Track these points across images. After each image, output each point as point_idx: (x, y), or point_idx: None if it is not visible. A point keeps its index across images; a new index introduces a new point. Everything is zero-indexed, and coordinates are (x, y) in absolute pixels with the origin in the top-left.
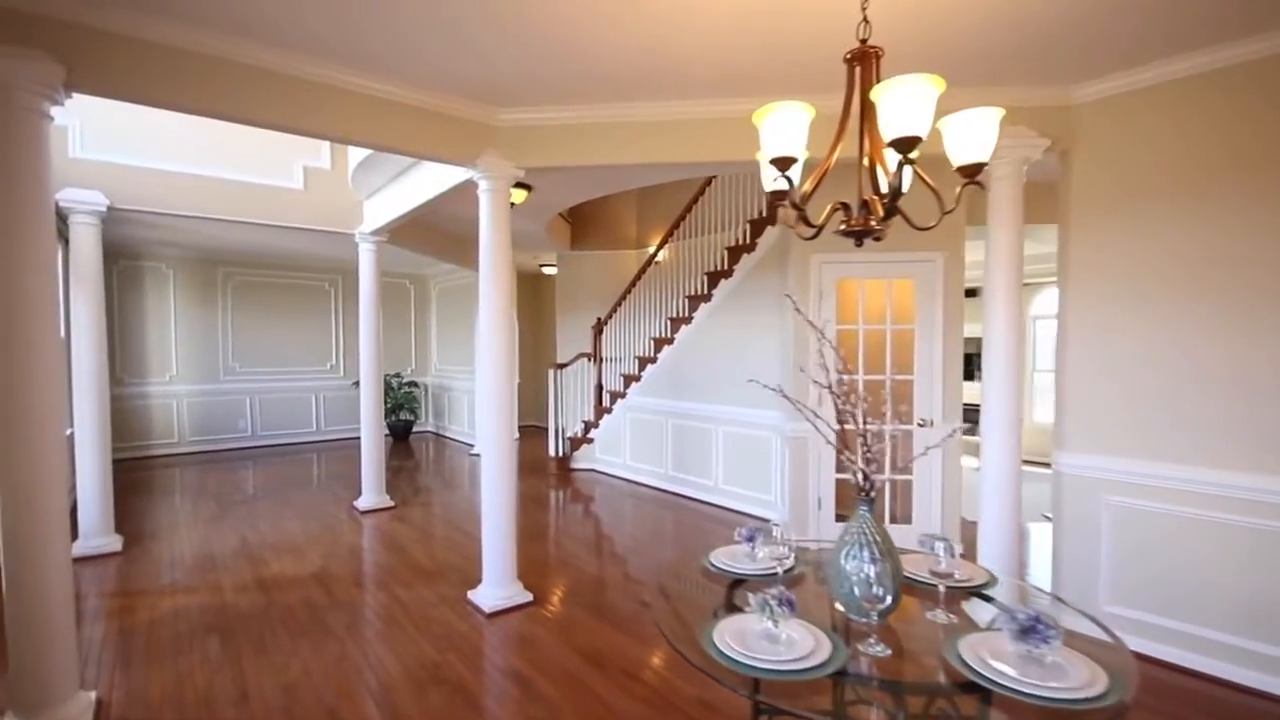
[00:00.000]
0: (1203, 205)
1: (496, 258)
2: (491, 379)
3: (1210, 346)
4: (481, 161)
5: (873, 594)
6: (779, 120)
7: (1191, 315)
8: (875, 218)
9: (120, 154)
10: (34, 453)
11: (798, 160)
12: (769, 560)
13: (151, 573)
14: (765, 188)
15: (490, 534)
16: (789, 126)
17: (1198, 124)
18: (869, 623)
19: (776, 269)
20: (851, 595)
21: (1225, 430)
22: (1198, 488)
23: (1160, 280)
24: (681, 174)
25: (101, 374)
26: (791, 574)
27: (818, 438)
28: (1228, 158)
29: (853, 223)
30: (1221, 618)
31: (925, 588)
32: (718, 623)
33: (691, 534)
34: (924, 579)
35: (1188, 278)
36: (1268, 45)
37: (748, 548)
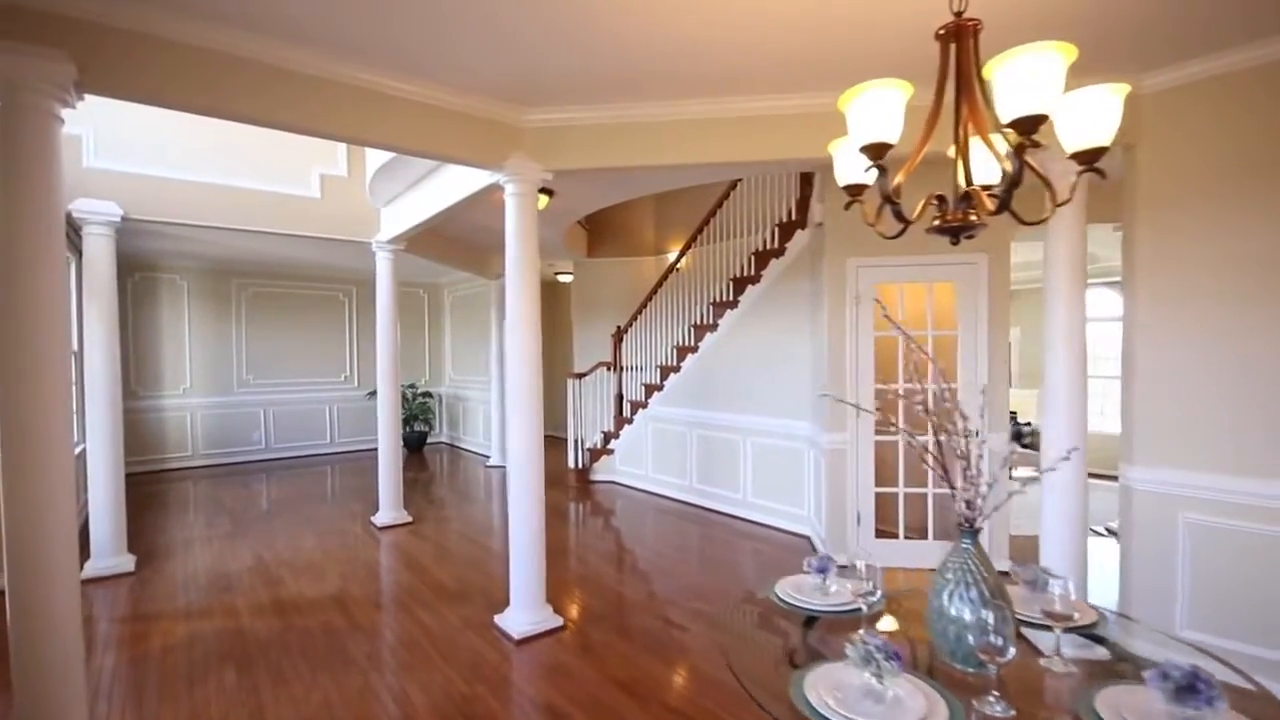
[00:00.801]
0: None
1: (524, 264)
2: (519, 391)
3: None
4: (509, 164)
5: (991, 644)
6: (871, 102)
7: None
8: (980, 211)
9: (134, 163)
10: (42, 472)
11: (893, 146)
12: (846, 595)
13: (165, 595)
14: (841, 181)
15: (519, 555)
16: (883, 108)
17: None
18: (975, 673)
19: (807, 274)
20: (958, 642)
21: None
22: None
23: (1247, 281)
24: (716, 176)
25: (114, 388)
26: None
27: (857, 449)
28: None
29: (950, 218)
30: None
31: (1029, 629)
32: (805, 673)
33: (722, 550)
34: (1029, 618)
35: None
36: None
37: (817, 579)
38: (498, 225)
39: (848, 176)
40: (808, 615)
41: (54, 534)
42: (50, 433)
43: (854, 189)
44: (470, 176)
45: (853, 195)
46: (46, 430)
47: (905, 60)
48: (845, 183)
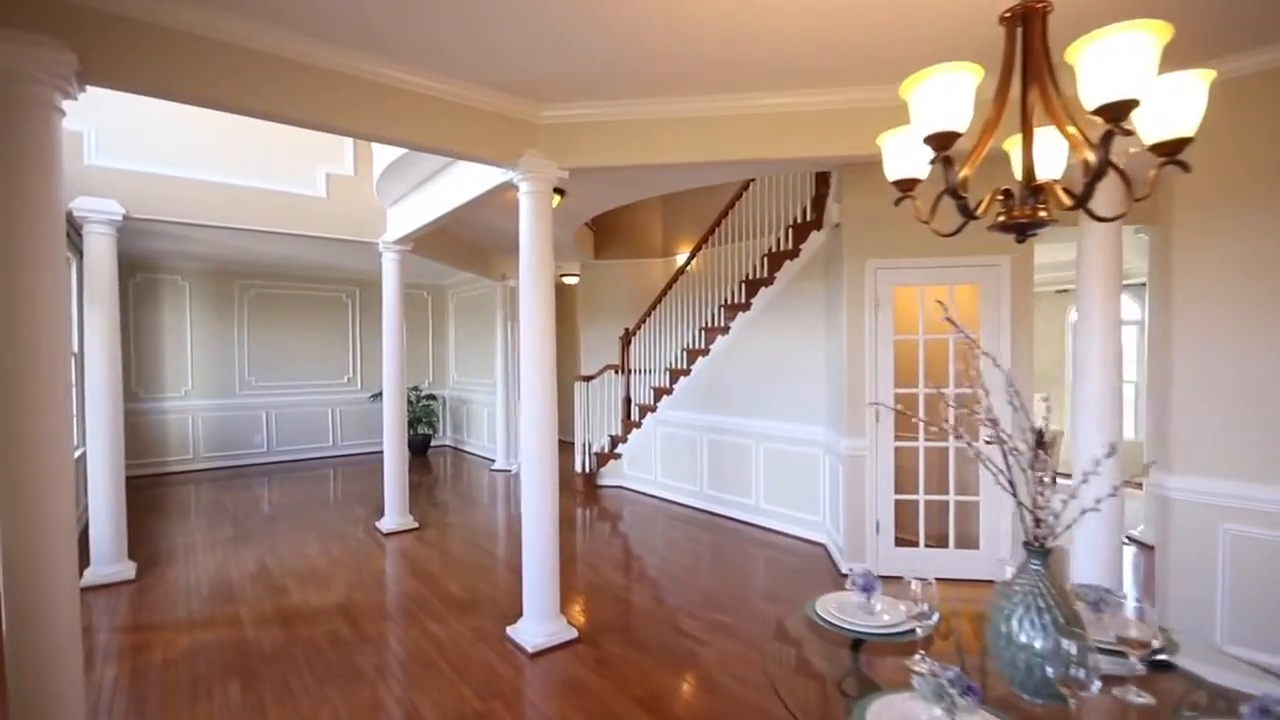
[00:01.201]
0: None
1: (538, 265)
2: (533, 395)
3: None
4: (523, 162)
5: (1073, 676)
6: (938, 87)
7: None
8: (1051, 206)
9: (137, 161)
10: (40, 478)
11: (960, 135)
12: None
13: (166, 603)
14: (893, 175)
15: (532, 565)
16: (951, 94)
17: None
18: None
19: (822, 276)
20: (1028, 673)
21: None
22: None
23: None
24: (735, 175)
25: (115, 391)
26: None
27: (876, 455)
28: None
29: (1018, 214)
30: None
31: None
32: (866, 705)
33: (735, 558)
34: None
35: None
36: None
37: (861, 598)
38: (506, 226)
39: (900, 170)
40: (855, 638)
41: (53, 543)
42: (49, 437)
43: (905, 184)
44: (481, 175)
45: (904, 190)
46: (45, 434)
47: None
48: (897, 177)
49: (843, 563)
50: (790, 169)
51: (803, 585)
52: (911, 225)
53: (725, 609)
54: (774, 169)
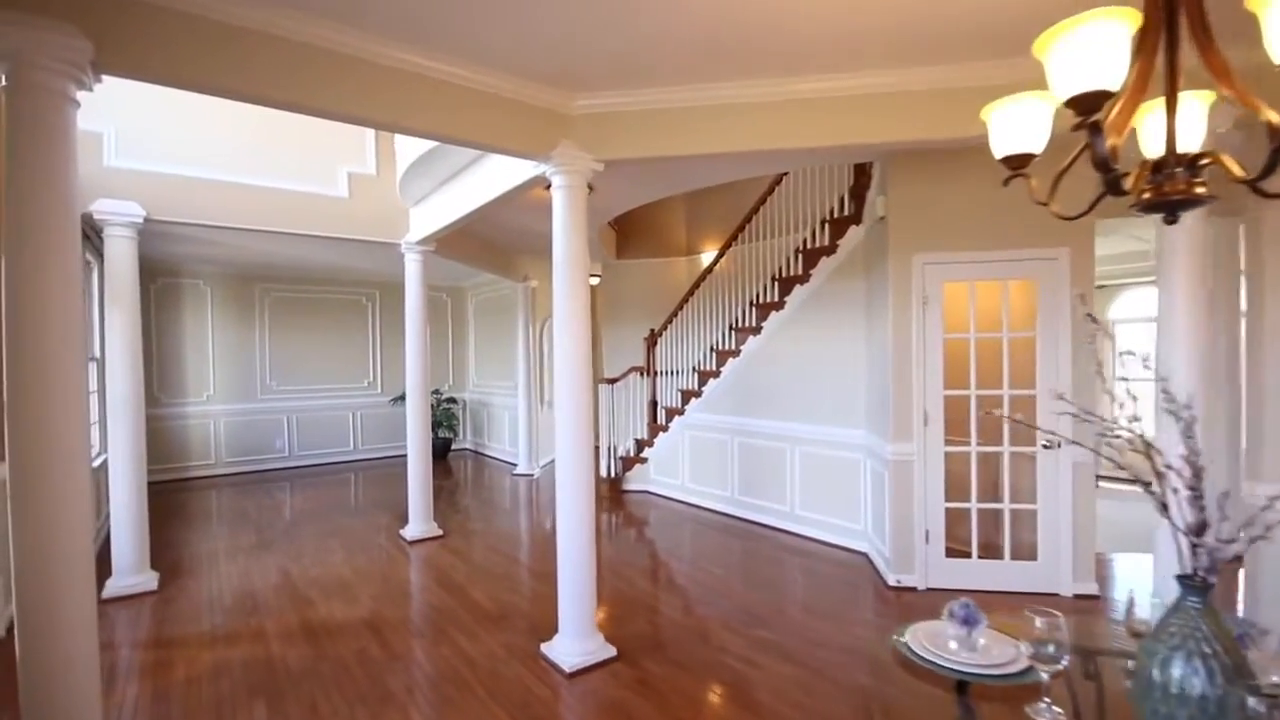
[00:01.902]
0: None
1: (573, 262)
2: (568, 399)
3: None
4: (557, 154)
5: None
6: (1086, 41)
7: None
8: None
9: (157, 162)
10: (56, 490)
11: (1112, 94)
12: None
13: (189, 616)
14: (1002, 151)
15: (569, 579)
16: (1101, 48)
17: None
18: None
19: (862, 272)
20: None
21: None
22: None
23: None
24: (779, 165)
25: (137, 397)
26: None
27: (925, 461)
28: None
29: (1170, 189)
30: None
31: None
32: None
33: (772, 568)
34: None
35: None
36: None
37: (961, 631)
38: (531, 225)
39: (1013, 145)
40: (960, 679)
41: (69, 559)
42: (65, 446)
43: (1017, 160)
44: (510, 170)
45: (1014, 169)
46: (61, 443)
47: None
48: (1008, 152)
49: (889, 574)
50: (837, 158)
51: (848, 598)
52: (962, 217)
53: (769, 624)
54: (820, 158)
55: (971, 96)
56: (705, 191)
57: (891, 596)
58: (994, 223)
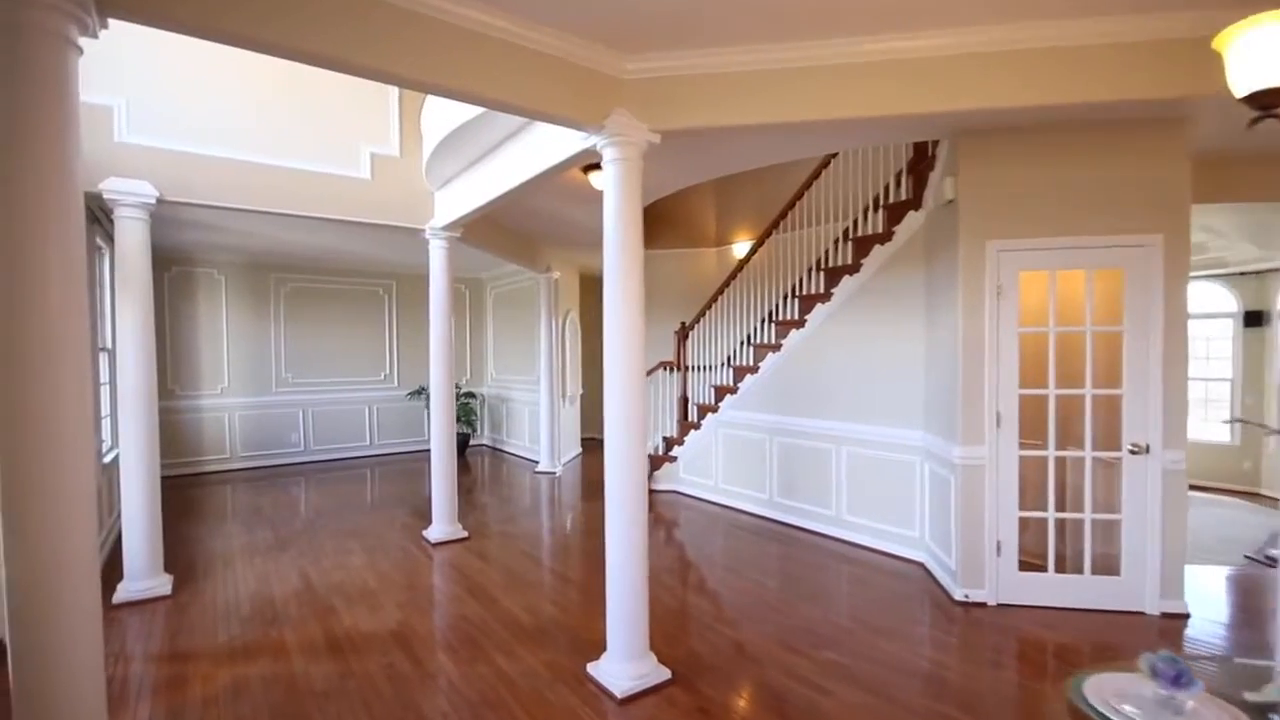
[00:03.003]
0: None
1: (627, 246)
2: (620, 397)
3: None
4: (610, 124)
5: None
6: None
7: None
8: None
9: (171, 138)
10: (54, 495)
11: None
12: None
13: (205, 625)
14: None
15: (619, 594)
16: None
17: None
18: None
19: (921, 261)
20: None
21: None
22: None
23: None
24: (846, 140)
25: (150, 389)
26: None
27: (997, 465)
28: None
29: None
30: None
31: None
32: None
33: (823, 578)
34: None
35: None
36: None
37: (1165, 693)
38: (559, 211)
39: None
40: None
41: (69, 572)
42: (65, 445)
43: (1270, 96)
44: (552, 145)
45: (1266, 108)
46: (60, 442)
47: None
48: (1255, 89)
49: (955, 587)
50: (910, 133)
51: (912, 614)
52: (1041, 199)
53: (833, 644)
54: (891, 132)
55: (1101, 55)
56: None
57: (959, 613)
58: (1077, 206)
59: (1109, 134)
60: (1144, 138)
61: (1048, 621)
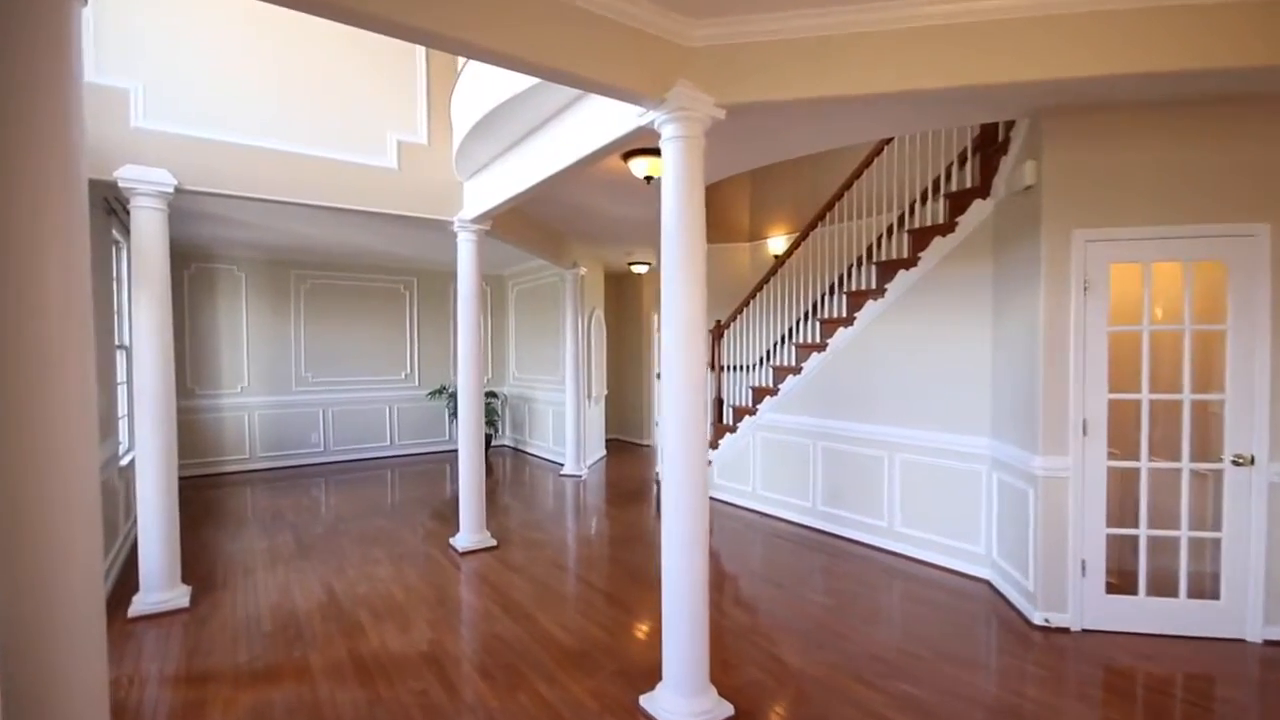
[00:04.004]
0: None
1: (688, 232)
2: (680, 400)
3: None
4: (673, 96)
5: None
6: None
7: None
8: None
9: (190, 124)
10: (54, 504)
11: None
12: None
13: (224, 642)
14: None
15: (677, 620)
16: None
17: None
18: None
19: (989, 254)
20: None
21: None
22: None
23: None
24: (936, 117)
25: (168, 389)
26: None
27: (1083, 478)
28: None
29: None
30: None
31: None
32: None
33: (883, 596)
34: None
35: None
36: None
37: None
38: (590, 203)
39: None
40: None
41: (67, 594)
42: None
43: None
44: (595, 126)
45: None
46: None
47: None
48: None
49: (1034, 610)
50: (993, 108)
51: (987, 639)
52: (1136, 184)
53: (906, 674)
54: (974, 107)
55: (1223, 14)
56: (772, 173)
57: (1039, 639)
58: (1175, 191)
59: (1218, 112)
60: (1257, 118)
61: (1139, 649)
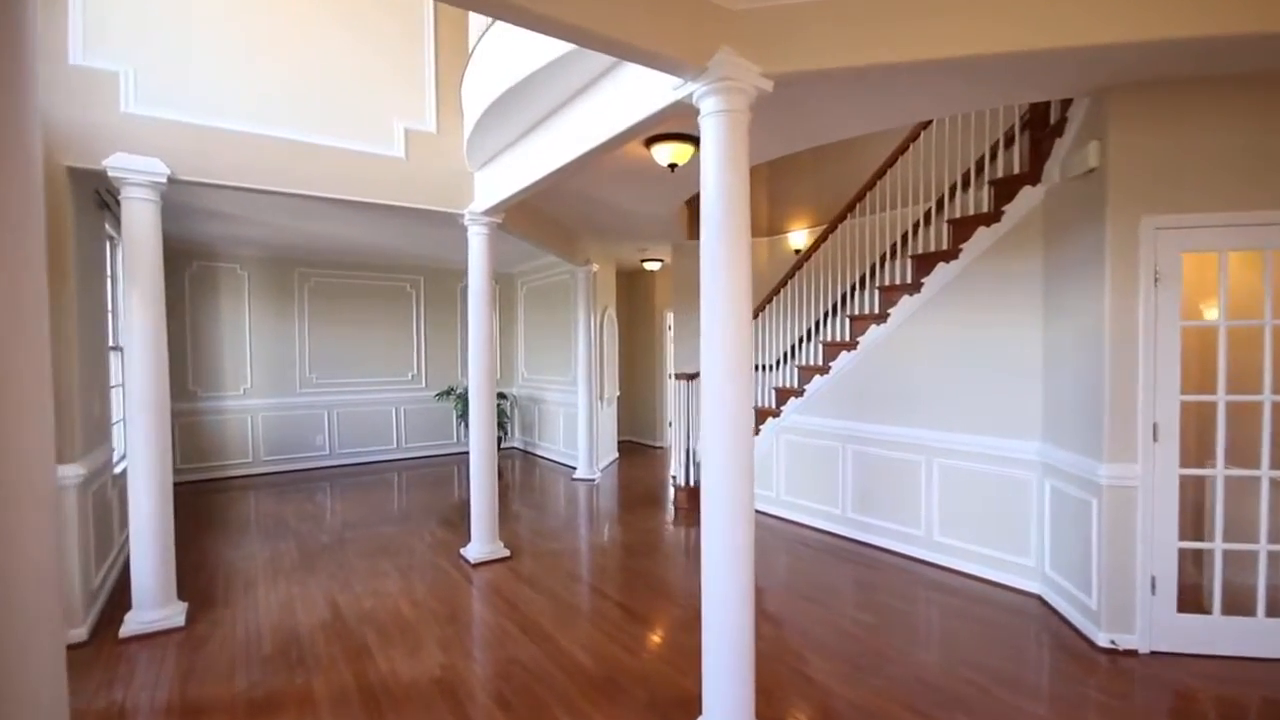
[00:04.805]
0: None
1: (731, 218)
2: (723, 405)
3: None
4: (715, 65)
5: None
6: None
7: None
8: None
9: (186, 110)
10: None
11: None
12: None
13: (221, 665)
14: None
15: (720, 649)
16: None
17: None
18: None
19: (1039, 244)
20: None
21: None
22: None
23: None
24: (992, 92)
25: (161, 392)
26: None
27: (1152, 487)
28: None
29: None
30: None
31: None
32: None
33: (924, 611)
34: None
35: None
36: None
37: None
38: (605, 196)
39: None
40: None
41: (27, 619)
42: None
43: None
44: (620, 105)
45: None
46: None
47: None
48: None
49: (1097, 631)
50: (1055, 81)
51: (1047, 663)
52: (1212, 166)
53: (964, 704)
54: (1034, 81)
55: None
56: (792, 164)
57: (1105, 662)
58: (1257, 174)
59: None
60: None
61: (1214, 674)
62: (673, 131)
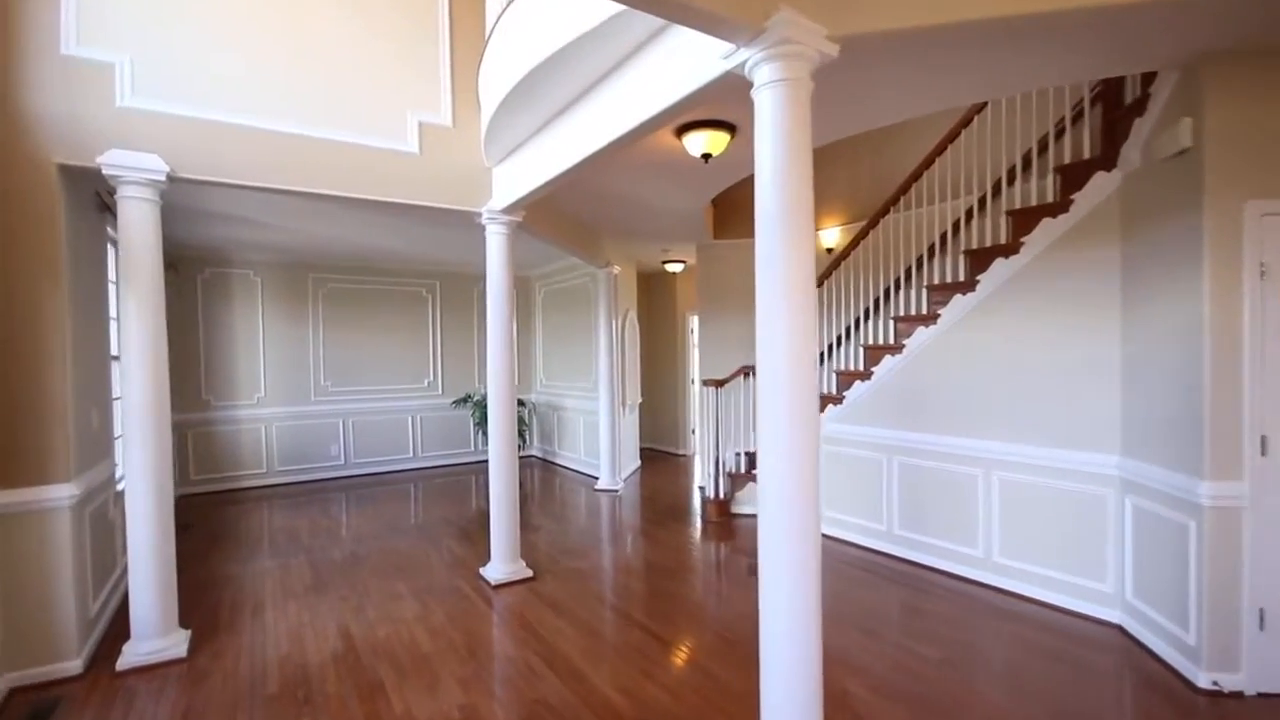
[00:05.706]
0: None
1: (792, 202)
2: (787, 413)
3: None
4: (775, 25)
5: None
6: None
7: None
8: None
9: (186, 103)
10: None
11: None
12: None
13: (224, 703)
14: None
15: (781, 697)
16: None
17: None
18: None
19: (1116, 236)
20: None
21: None
22: None
23: None
24: (1112, 58)
25: (161, 404)
26: None
27: (1259, 509)
28: None
29: None
30: None
31: None
32: None
33: (990, 643)
34: None
35: None
36: None
37: None
38: (632, 192)
39: None
40: None
41: None
42: None
43: None
44: (656, 83)
45: None
46: None
47: None
48: None
49: (1195, 670)
50: (1144, 48)
51: (1141, 707)
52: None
53: None
54: (1146, 48)
55: None
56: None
57: (1206, 706)
58: None
59: None
60: None
61: None
62: (707, 118)
